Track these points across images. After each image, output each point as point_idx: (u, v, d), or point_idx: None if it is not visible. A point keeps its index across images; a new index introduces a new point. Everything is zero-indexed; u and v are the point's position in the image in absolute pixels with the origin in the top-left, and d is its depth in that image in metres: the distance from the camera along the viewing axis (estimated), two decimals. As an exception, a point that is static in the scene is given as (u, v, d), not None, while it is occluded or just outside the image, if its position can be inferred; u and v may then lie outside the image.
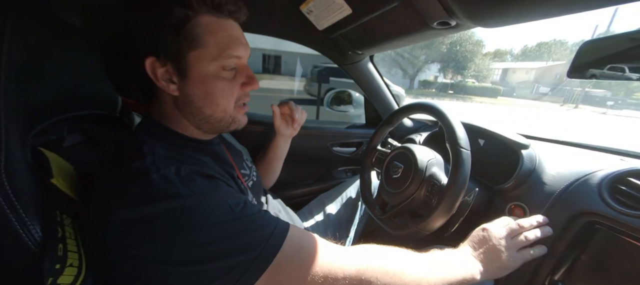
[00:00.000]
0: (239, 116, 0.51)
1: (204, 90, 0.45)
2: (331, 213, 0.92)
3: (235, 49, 0.45)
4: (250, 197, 0.57)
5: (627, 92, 31.43)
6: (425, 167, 0.65)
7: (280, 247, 0.37)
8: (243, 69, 0.48)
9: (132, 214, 0.33)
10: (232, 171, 0.52)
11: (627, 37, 0.41)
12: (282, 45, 14.64)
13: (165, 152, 0.40)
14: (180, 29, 0.41)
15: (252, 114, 1.08)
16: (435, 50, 19.28)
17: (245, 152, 0.79)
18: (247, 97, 0.52)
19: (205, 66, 0.43)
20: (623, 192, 0.52)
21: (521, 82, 33.15)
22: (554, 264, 0.56)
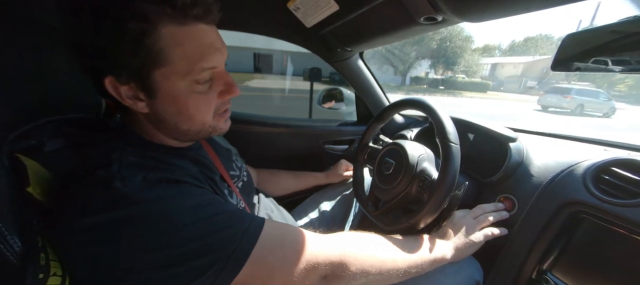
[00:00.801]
0: (220, 124, 0.48)
1: (177, 107, 0.41)
2: (325, 211, 0.92)
3: (209, 59, 0.40)
4: (235, 199, 0.56)
5: (609, 85, 32.48)
6: (416, 162, 0.65)
7: (256, 241, 0.38)
8: (220, 76, 0.44)
9: (93, 222, 0.32)
10: (213, 174, 0.51)
11: (609, 29, 0.41)
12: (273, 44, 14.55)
13: (137, 159, 0.39)
14: (139, 45, 0.35)
15: (253, 115, 1.08)
16: (425, 47, 19.46)
17: (235, 152, 0.78)
18: (228, 103, 0.49)
19: (174, 83, 0.39)
20: (607, 181, 0.53)
21: (509, 77, 33.84)
22: (541, 254, 0.57)
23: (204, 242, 0.35)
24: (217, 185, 0.50)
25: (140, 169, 0.38)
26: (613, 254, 0.50)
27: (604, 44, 0.42)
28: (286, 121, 1.10)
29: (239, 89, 0.47)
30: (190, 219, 0.35)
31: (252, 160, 0.97)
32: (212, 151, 0.61)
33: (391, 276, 0.50)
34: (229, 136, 0.89)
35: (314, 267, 0.42)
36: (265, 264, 0.38)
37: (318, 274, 0.43)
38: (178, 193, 0.38)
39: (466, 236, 0.59)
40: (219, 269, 0.35)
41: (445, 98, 16.12)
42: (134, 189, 0.35)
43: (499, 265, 0.62)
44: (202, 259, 0.34)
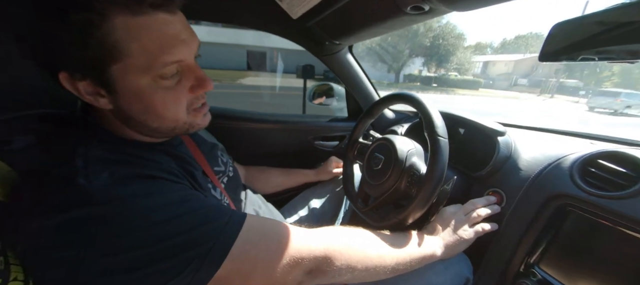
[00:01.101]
0: (197, 120, 0.46)
1: (142, 105, 0.39)
2: (315, 208, 0.91)
3: (172, 52, 0.37)
4: (218, 194, 0.54)
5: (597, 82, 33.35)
6: (405, 157, 0.65)
7: (236, 236, 0.37)
8: (189, 70, 0.41)
9: (53, 222, 0.30)
10: (194, 169, 0.48)
11: (596, 20, 0.41)
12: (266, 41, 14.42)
13: (104, 154, 0.36)
14: (87, 38, 0.32)
15: (241, 111, 1.05)
16: (418, 44, 19.57)
17: (221, 148, 0.77)
18: (203, 98, 0.46)
19: (135, 79, 0.36)
20: (593, 174, 0.53)
21: (501, 74, 34.40)
22: (529, 247, 0.57)
23: (179, 239, 0.33)
24: (198, 180, 0.48)
25: (107, 164, 0.35)
26: (598, 246, 0.50)
27: (590, 37, 0.41)
28: (276, 117, 1.08)
29: (212, 83, 0.44)
30: (164, 216, 0.34)
31: (242, 157, 0.94)
32: (195, 146, 0.59)
33: (378, 272, 0.49)
34: (216, 132, 0.87)
35: (298, 262, 0.41)
36: (246, 258, 0.37)
37: (302, 268, 0.42)
38: (150, 190, 0.36)
39: (457, 233, 0.59)
40: (197, 266, 0.33)
41: (438, 95, 16.29)
42: (99, 185, 0.32)
43: (488, 260, 0.62)
44: (178, 257, 0.33)
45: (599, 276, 0.48)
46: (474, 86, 24.41)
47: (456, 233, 0.59)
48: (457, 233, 0.59)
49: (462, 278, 0.61)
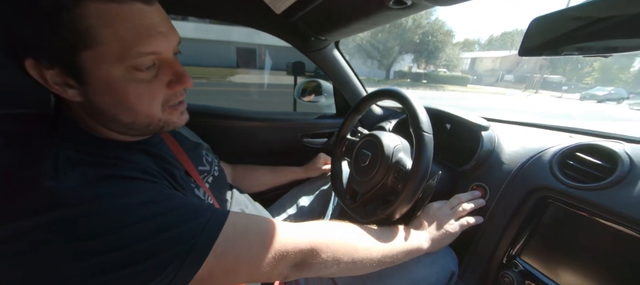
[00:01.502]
0: (173, 118, 0.44)
1: (113, 96, 0.37)
2: (304, 206, 0.90)
3: (148, 43, 0.35)
4: (202, 195, 0.53)
5: (578, 77, 34.59)
6: (392, 153, 0.65)
7: (217, 234, 0.37)
8: (168, 64, 0.39)
9: (15, 229, 0.28)
10: (174, 169, 0.47)
11: (573, 16, 0.41)
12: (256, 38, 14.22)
13: (75, 155, 0.35)
14: (58, 23, 0.30)
15: (227, 109, 1.03)
16: (408, 41, 19.74)
17: (206, 147, 0.75)
18: (182, 95, 0.44)
19: (107, 69, 0.34)
20: (571, 166, 0.55)
21: (488, 70, 35.17)
22: (511, 239, 0.58)
23: (157, 239, 0.33)
24: (179, 181, 0.47)
25: (79, 165, 0.34)
26: (576, 236, 0.51)
27: (568, 32, 0.42)
28: (263, 115, 1.06)
29: (191, 81, 0.42)
30: (139, 216, 0.33)
31: (228, 156, 0.93)
32: (177, 146, 0.58)
33: (364, 265, 0.49)
34: (202, 131, 0.85)
35: (283, 256, 0.41)
36: (229, 255, 0.37)
37: (288, 262, 0.42)
38: (125, 190, 0.34)
39: (442, 227, 0.60)
40: (178, 266, 0.33)
41: (428, 92, 16.50)
42: (69, 186, 0.31)
43: (472, 253, 0.63)
44: (157, 257, 0.32)
45: (576, 265, 0.50)
46: (463, 82, 24.89)
47: (442, 227, 0.59)
48: (442, 227, 0.59)
49: (448, 271, 0.62)
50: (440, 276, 0.61)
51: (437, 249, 0.59)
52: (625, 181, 0.47)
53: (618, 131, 0.65)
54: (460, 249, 0.65)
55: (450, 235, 0.59)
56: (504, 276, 0.56)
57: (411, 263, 0.59)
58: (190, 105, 0.48)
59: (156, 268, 0.32)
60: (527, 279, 0.54)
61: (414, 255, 0.56)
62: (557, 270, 0.51)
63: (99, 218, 0.31)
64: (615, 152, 0.50)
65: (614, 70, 36.03)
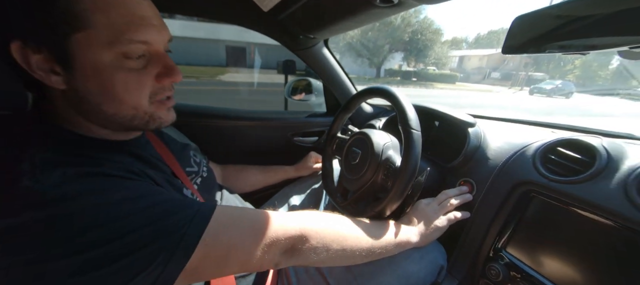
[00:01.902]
0: (160, 113, 0.43)
1: (100, 84, 0.36)
2: (295, 205, 0.90)
3: (139, 31, 0.36)
4: (190, 195, 0.52)
5: (561, 74, 35.88)
6: (381, 150, 0.65)
7: (206, 225, 0.37)
8: (158, 57, 0.40)
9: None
10: (160, 171, 0.46)
11: (554, 14, 0.43)
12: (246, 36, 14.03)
13: (54, 156, 0.34)
14: (53, 4, 0.31)
15: (216, 109, 1.01)
16: (398, 40, 19.92)
17: (194, 148, 0.74)
18: (170, 90, 0.44)
19: (96, 54, 0.34)
20: (553, 161, 0.57)
21: (475, 68, 35.95)
22: (497, 233, 0.59)
23: (145, 232, 0.32)
24: (165, 182, 0.46)
25: (58, 165, 0.33)
26: (557, 228, 0.53)
27: (550, 32, 0.43)
28: (253, 114, 1.05)
29: (181, 75, 0.43)
30: (125, 211, 0.32)
31: (218, 156, 0.92)
32: (164, 147, 0.56)
33: (354, 253, 0.50)
34: (191, 131, 0.84)
35: (274, 242, 0.41)
36: (219, 245, 0.37)
37: (278, 248, 0.42)
38: (108, 186, 0.34)
39: (431, 222, 0.61)
40: (166, 258, 0.33)
41: (419, 90, 16.72)
42: (48, 186, 0.30)
43: (460, 247, 0.65)
44: (145, 250, 0.32)
45: (558, 255, 0.51)
46: (451, 80, 25.35)
47: (430, 222, 0.61)
48: (431, 222, 0.61)
49: (437, 266, 0.63)
50: (429, 270, 0.62)
51: (425, 243, 0.61)
52: (603, 174, 0.49)
53: (596, 126, 0.68)
54: (448, 243, 0.67)
55: (439, 229, 0.61)
56: (490, 269, 0.57)
57: (401, 258, 0.59)
58: (178, 104, 0.47)
59: (145, 260, 0.32)
60: (512, 271, 0.56)
61: (403, 249, 0.57)
62: (540, 261, 0.53)
63: (83, 215, 0.30)
64: (594, 146, 0.52)
65: (593, 68, 37.56)
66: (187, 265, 0.34)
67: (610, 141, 0.53)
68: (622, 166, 0.48)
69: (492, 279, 0.57)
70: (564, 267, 0.50)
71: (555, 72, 37.00)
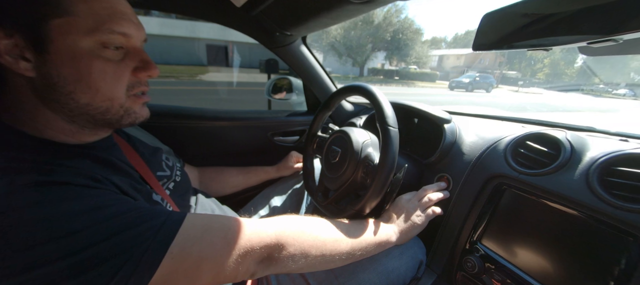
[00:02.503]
0: (135, 108, 0.43)
1: (76, 70, 0.35)
2: (276, 206, 0.88)
3: (120, 23, 0.37)
4: (160, 201, 0.49)
5: (532, 73, 38.13)
6: (361, 148, 0.65)
7: (174, 236, 0.35)
8: (136, 51, 0.41)
9: None
10: (126, 176, 0.43)
11: (521, 12, 0.44)
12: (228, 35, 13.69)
13: (2, 162, 0.31)
14: None
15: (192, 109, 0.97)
16: (380, 39, 20.24)
17: (167, 151, 0.70)
18: (146, 85, 0.44)
19: (76, 40, 0.34)
20: (522, 154, 0.59)
21: (454, 67, 37.33)
22: (472, 226, 0.61)
23: (99, 248, 0.30)
24: (131, 188, 0.43)
25: (5, 172, 0.30)
26: (528, 218, 0.55)
27: (517, 30, 0.44)
28: (231, 114, 1.02)
29: (158, 70, 0.43)
30: (81, 223, 0.30)
31: (195, 158, 0.88)
32: (132, 151, 0.53)
33: (333, 257, 0.49)
34: (164, 133, 0.80)
35: (248, 251, 0.40)
36: (189, 257, 0.35)
37: (253, 258, 0.41)
38: (63, 196, 0.31)
39: (410, 218, 0.61)
40: (129, 272, 0.31)
41: (402, 88, 17.09)
42: None
43: (438, 242, 0.66)
44: (104, 266, 0.30)
45: (528, 245, 0.53)
46: (432, 79, 26.16)
47: (410, 219, 0.61)
48: (410, 219, 0.61)
49: (417, 261, 0.64)
50: (409, 266, 0.62)
51: (406, 240, 0.61)
52: (567, 166, 0.51)
53: (561, 120, 0.72)
54: (427, 238, 0.68)
55: (418, 226, 0.61)
56: (466, 261, 0.59)
57: (381, 255, 0.60)
58: (151, 105, 0.47)
59: (102, 279, 0.29)
60: (487, 262, 0.57)
61: (384, 248, 0.57)
62: (512, 251, 0.55)
63: (26, 229, 0.27)
64: (559, 139, 0.55)
65: (561, 66, 40.24)
66: (153, 279, 0.32)
67: (574, 134, 0.56)
68: (584, 158, 0.51)
69: (469, 271, 0.59)
70: (534, 256, 0.52)
71: (526, 71, 39.25)
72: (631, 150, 0.46)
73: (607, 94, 21.13)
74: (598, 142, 0.54)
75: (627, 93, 20.60)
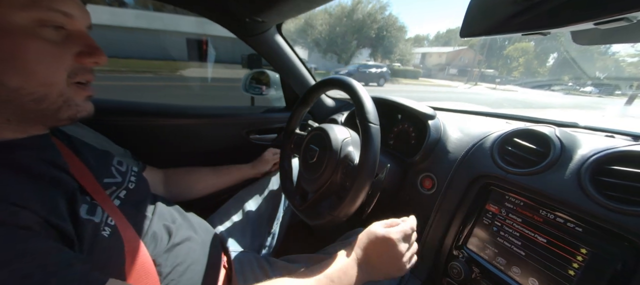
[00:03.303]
0: (77, 99, 0.38)
1: (7, 49, 0.32)
2: (251, 210, 0.81)
3: (61, 1, 0.34)
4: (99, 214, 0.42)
5: (508, 71, 40.09)
6: (340, 147, 0.60)
7: None
8: (80, 35, 0.37)
9: None
10: (53, 189, 0.35)
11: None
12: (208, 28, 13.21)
13: None
14: None
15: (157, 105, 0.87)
16: (365, 36, 20.33)
17: (121, 154, 0.62)
18: (90, 74, 0.40)
19: (8, 15, 0.31)
20: (510, 152, 0.55)
21: (436, 65, 38.43)
22: (458, 228, 0.57)
23: None
24: (66, 204, 0.36)
25: None
26: (515, 221, 0.52)
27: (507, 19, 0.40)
28: (201, 110, 0.93)
29: (105, 57, 0.40)
30: None
31: (159, 160, 0.79)
32: (73, 155, 0.45)
33: None
34: (121, 134, 0.72)
35: None
36: None
37: None
38: None
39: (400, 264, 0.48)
40: None
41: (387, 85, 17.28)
42: None
43: (422, 246, 0.62)
44: None
45: (516, 250, 0.50)
46: (415, 76, 26.75)
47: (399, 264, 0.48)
48: (400, 264, 0.48)
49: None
50: (391, 282, 0.58)
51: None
52: (557, 165, 0.48)
53: (548, 116, 0.70)
54: None
55: (404, 271, 0.49)
56: (452, 267, 0.55)
57: None
58: (107, 101, 0.41)
59: None
60: (473, 267, 0.54)
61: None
62: (500, 256, 0.52)
63: None
64: (548, 136, 0.52)
65: (534, 65, 42.57)
66: None
67: (562, 130, 0.53)
68: (575, 156, 0.48)
69: (454, 277, 0.55)
70: (522, 262, 0.49)
71: (503, 69, 41.16)
72: (625, 148, 0.43)
73: (575, 92, 22.54)
74: (586, 138, 0.51)
75: (593, 90, 22.06)
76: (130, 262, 0.42)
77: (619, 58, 48.90)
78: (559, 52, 43.94)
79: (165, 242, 0.52)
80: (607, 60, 45.77)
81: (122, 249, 0.41)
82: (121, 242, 0.42)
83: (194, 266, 0.54)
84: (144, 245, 0.46)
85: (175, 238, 0.54)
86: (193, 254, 0.55)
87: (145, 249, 0.46)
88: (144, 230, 0.50)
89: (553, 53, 46.01)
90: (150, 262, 0.45)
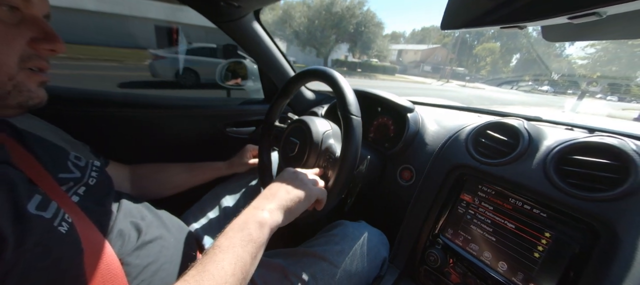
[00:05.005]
0: (30, 84, 0.37)
1: None
2: (228, 207, 0.78)
3: None
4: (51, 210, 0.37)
5: (476, 70, 42.72)
6: (321, 139, 0.59)
7: None
8: (35, 21, 0.36)
9: None
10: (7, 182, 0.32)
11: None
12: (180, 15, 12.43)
13: None
14: None
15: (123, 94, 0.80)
16: (344, 31, 20.41)
17: (82, 149, 0.56)
18: (45, 61, 0.38)
19: None
20: (483, 144, 0.58)
21: (411, 62, 39.74)
22: (435, 218, 0.59)
23: None
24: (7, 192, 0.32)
25: None
26: (488, 209, 0.54)
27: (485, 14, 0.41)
28: (172, 101, 0.87)
29: (64, 46, 0.38)
30: None
31: (126, 155, 0.72)
32: (22, 149, 0.41)
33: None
34: (80, 125, 0.66)
35: None
36: None
37: None
38: None
39: (299, 192, 0.46)
40: None
41: (365, 80, 17.59)
42: None
43: (400, 237, 0.63)
44: None
45: (488, 236, 0.53)
46: (392, 72, 27.52)
47: (299, 190, 0.46)
48: (300, 190, 0.47)
49: (380, 259, 0.60)
50: (373, 266, 0.59)
51: (290, 219, 0.46)
52: (526, 155, 0.51)
53: (516, 111, 0.74)
54: (390, 233, 0.65)
55: (310, 197, 0.47)
56: (429, 255, 0.57)
57: (344, 258, 0.55)
58: (62, 89, 0.38)
59: None
60: (449, 254, 0.56)
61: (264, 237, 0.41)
62: (473, 243, 0.54)
63: None
64: (517, 128, 0.55)
65: (500, 65, 45.71)
66: None
67: (530, 123, 0.56)
68: (541, 147, 0.51)
69: (431, 264, 0.57)
70: (493, 247, 0.51)
71: (472, 68, 43.77)
72: (585, 139, 0.46)
73: (534, 90, 24.54)
74: (550, 131, 0.55)
75: (549, 90, 24.15)
76: (92, 261, 0.38)
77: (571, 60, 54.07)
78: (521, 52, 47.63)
79: (134, 240, 0.48)
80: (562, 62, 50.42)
81: (80, 247, 0.37)
82: (79, 239, 0.38)
83: (167, 266, 0.50)
84: (109, 243, 0.42)
85: (146, 236, 0.50)
86: (166, 252, 0.52)
87: (110, 247, 0.42)
88: (108, 228, 0.46)
89: (516, 54, 49.80)
90: (116, 261, 0.41)
